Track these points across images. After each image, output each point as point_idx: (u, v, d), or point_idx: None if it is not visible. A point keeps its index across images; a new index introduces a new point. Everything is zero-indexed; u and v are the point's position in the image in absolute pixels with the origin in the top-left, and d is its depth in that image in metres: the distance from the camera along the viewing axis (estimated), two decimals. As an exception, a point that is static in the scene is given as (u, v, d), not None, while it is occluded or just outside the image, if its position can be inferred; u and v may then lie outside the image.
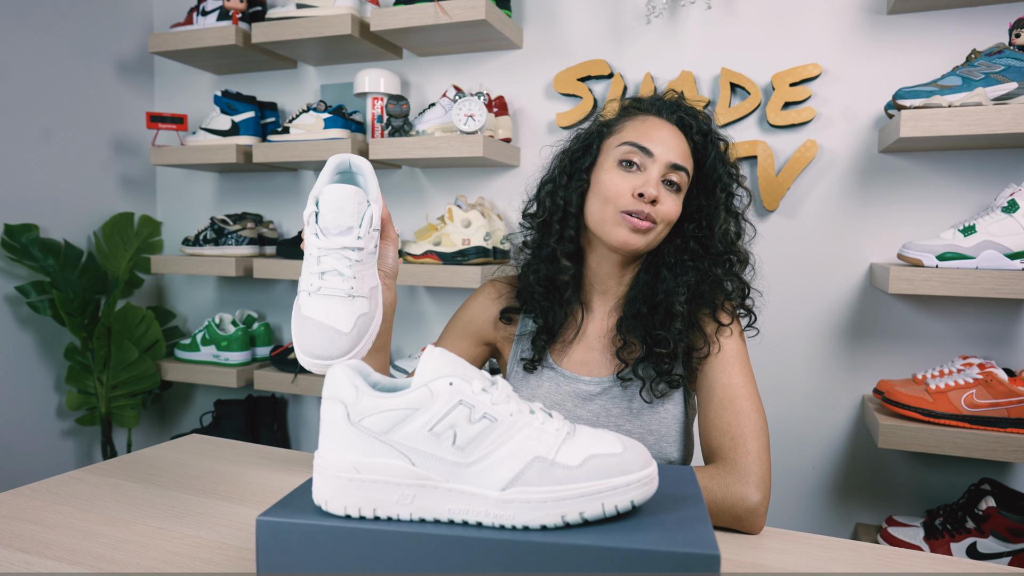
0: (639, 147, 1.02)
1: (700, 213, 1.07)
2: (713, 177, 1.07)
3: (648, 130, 1.04)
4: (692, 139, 1.07)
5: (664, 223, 1.03)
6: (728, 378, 1.00)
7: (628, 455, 0.59)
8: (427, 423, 0.57)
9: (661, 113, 1.08)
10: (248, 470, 1.07)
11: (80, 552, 0.79)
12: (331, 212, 0.74)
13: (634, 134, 1.05)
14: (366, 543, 0.57)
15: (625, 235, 1.01)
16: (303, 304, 0.75)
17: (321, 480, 0.59)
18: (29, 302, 2.10)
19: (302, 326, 0.74)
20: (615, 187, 1.02)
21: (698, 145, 1.07)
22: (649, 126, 1.05)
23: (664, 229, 1.04)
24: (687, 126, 1.06)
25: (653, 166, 1.02)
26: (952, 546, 1.54)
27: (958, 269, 1.46)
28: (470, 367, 0.61)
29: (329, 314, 0.74)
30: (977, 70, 1.45)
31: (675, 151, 1.03)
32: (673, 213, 1.03)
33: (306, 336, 0.73)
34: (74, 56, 2.28)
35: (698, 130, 1.07)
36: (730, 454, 0.93)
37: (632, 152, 1.03)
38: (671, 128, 1.05)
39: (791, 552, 0.84)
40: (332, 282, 0.74)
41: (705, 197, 1.07)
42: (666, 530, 0.57)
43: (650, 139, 1.03)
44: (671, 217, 1.03)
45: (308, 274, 0.75)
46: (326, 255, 0.75)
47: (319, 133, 2.03)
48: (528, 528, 0.57)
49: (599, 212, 1.04)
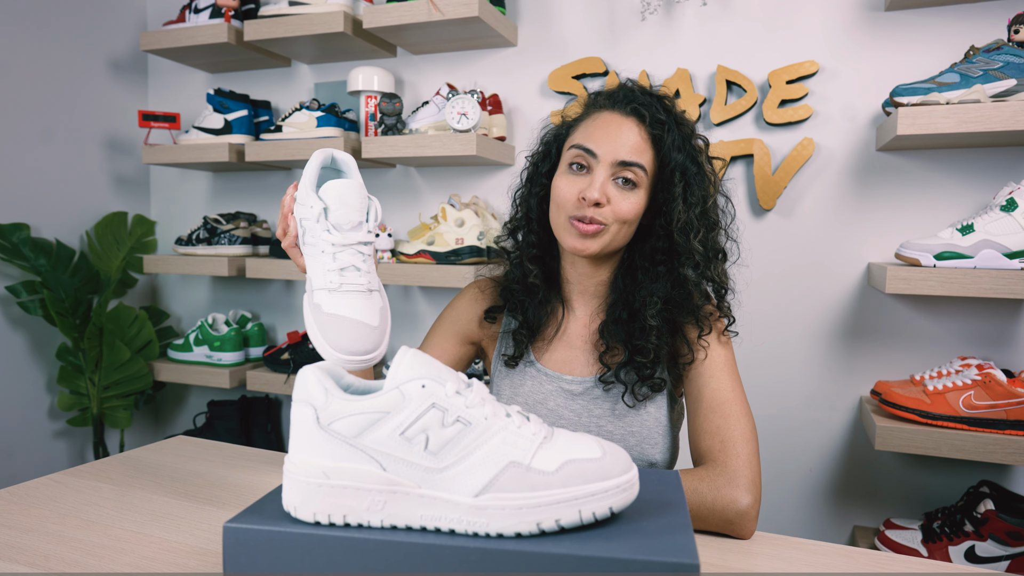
0: (584, 149, 1.00)
1: (664, 207, 1.02)
2: (670, 166, 1.01)
3: (596, 129, 1.01)
4: (648, 129, 1.01)
5: (618, 222, 0.99)
6: (716, 383, 0.98)
7: (607, 460, 0.57)
8: (398, 427, 0.55)
9: (616, 106, 1.03)
10: (232, 472, 1.05)
11: (53, 557, 0.77)
12: (341, 208, 0.73)
13: (582, 135, 1.02)
14: (335, 551, 0.55)
15: (574, 241, 1.00)
16: (324, 302, 0.73)
17: (290, 485, 0.57)
18: (20, 302, 2.08)
19: (330, 324, 0.72)
20: (562, 193, 1.00)
21: (656, 135, 1.01)
22: (599, 124, 1.02)
23: (620, 228, 1.00)
24: (642, 116, 1.01)
25: (599, 167, 0.99)
26: (950, 549, 1.52)
27: (956, 269, 1.44)
28: (445, 369, 0.59)
29: (356, 310, 0.72)
30: (975, 67, 1.43)
31: (624, 147, 0.99)
32: (626, 211, 0.99)
33: (338, 334, 0.71)
34: (67, 54, 2.26)
35: (653, 119, 1.01)
36: (719, 456, 0.92)
37: (578, 155, 1.00)
38: (623, 121, 1.01)
39: (781, 557, 0.82)
40: (352, 278, 0.73)
41: (664, 189, 1.02)
42: (645, 537, 0.55)
43: (595, 139, 1.00)
44: (625, 215, 0.99)
45: (325, 271, 0.73)
46: (341, 251, 0.73)
47: (312, 132, 2.01)
48: (502, 536, 0.55)
49: (554, 218, 1.03)
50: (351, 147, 2.00)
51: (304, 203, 0.74)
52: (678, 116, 1.04)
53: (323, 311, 0.72)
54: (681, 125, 1.03)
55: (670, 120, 1.02)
